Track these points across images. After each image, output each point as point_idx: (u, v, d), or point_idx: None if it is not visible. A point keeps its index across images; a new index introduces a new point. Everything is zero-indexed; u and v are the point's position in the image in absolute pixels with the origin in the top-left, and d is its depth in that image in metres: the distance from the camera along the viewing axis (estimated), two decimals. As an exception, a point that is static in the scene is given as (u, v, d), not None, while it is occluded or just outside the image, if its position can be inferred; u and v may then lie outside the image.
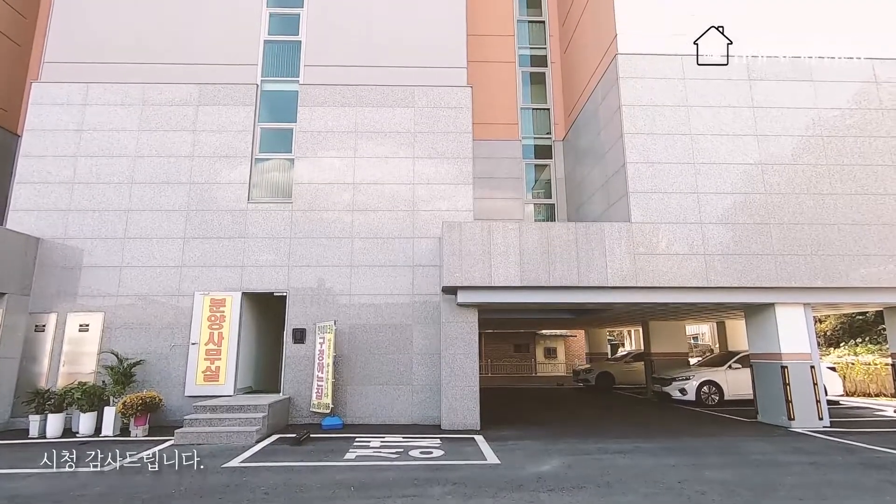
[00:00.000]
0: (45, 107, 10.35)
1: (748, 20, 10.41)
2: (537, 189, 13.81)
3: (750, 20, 10.41)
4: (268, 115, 10.81)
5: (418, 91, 10.73)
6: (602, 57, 10.97)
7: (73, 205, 9.96)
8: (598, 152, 11.12)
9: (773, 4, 10.53)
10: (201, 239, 9.96)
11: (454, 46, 11.03)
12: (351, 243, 10.07)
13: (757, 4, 10.51)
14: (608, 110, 10.60)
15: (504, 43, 13.77)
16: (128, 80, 10.52)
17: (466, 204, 10.32)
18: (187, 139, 10.35)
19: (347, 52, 10.94)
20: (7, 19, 11.94)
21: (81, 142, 10.24)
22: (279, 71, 11.00)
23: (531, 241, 9.15)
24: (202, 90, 10.57)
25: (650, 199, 9.56)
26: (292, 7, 11.25)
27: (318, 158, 10.43)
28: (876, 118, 10.06)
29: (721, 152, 9.83)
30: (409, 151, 10.49)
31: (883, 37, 10.43)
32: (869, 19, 10.54)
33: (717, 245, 9.37)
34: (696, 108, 10.03)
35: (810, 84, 10.18)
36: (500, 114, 13.30)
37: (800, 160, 9.84)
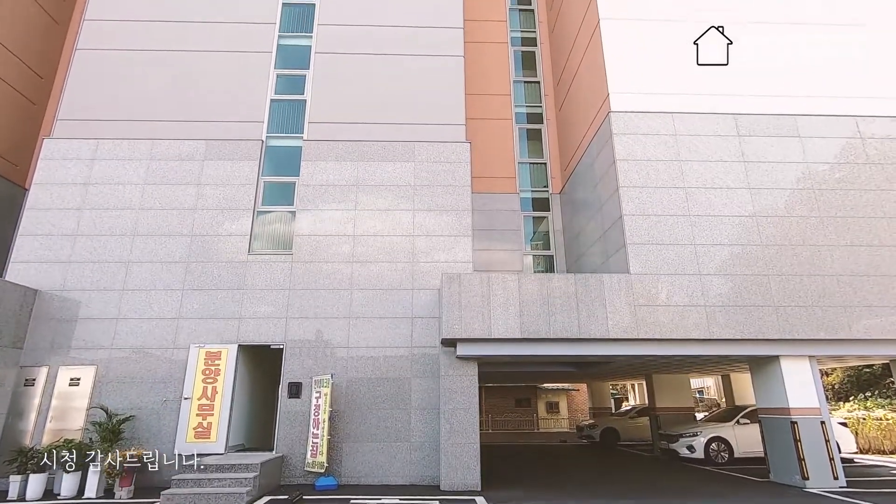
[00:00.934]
0: (55, 161, 10.62)
1: (735, 79, 10.90)
2: (536, 241, 13.93)
3: (736, 79, 10.90)
4: (271, 168, 11.08)
5: (418, 146, 11.06)
6: (596, 114, 11.40)
7: (74, 256, 10.00)
8: (595, 205, 11.32)
9: (757, 64, 11.05)
10: (200, 290, 9.93)
11: (453, 105, 11.47)
12: (350, 295, 10.04)
13: (742, 64, 11.04)
14: (603, 164, 10.89)
15: (501, 101, 14.33)
16: (137, 136, 10.86)
17: (466, 256, 10.38)
18: (191, 192, 10.55)
19: (351, 110, 11.36)
20: (24, 78, 12.48)
21: (87, 195, 10.43)
22: (284, 128, 11.38)
23: (531, 293, 9.13)
24: (209, 145, 10.89)
25: (648, 250, 9.64)
26: (299, 68, 11.79)
27: (319, 211, 10.59)
28: (864, 172, 10.33)
29: (715, 205, 10.01)
30: (409, 204, 10.67)
31: (863, 95, 10.88)
32: (849, 79, 11.03)
33: (718, 296, 9.35)
34: (688, 163, 10.31)
35: (798, 140, 10.52)
36: (498, 168, 13.64)
37: (793, 212, 10.01)
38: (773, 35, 11.29)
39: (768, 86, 10.90)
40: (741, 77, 10.95)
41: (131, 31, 11.70)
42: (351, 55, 11.80)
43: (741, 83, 10.90)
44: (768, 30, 11.32)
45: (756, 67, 11.04)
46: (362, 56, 11.80)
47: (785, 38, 11.27)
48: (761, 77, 10.97)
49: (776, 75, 10.99)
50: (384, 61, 11.77)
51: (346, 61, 11.77)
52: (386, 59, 11.79)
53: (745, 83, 10.91)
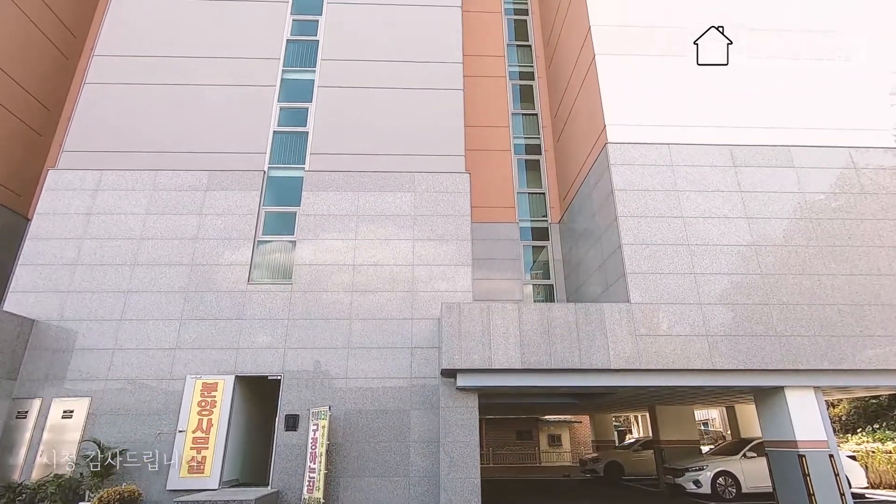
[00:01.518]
0: (59, 192, 10.72)
1: (729, 111, 11.13)
2: (535, 270, 13.93)
3: (731, 111, 11.13)
4: (273, 199, 11.18)
5: (419, 177, 11.19)
6: (593, 145, 11.59)
7: (73, 286, 9.98)
8: (594, 234, 11.37)
9: (751, 96, 11.30)
10: (198, 320, 9.87)
11: (453, 136, 11.67)
12: (349, 324, 9.97)
13: (736, 96, 11.29)
14: (601, 194, 11.00)
15: (500, 133, 14.58)
16: (141, 168, 11.00)
17: (465, 285, 10.36)
18: (193, 222, 10.61)
19: (352, 141, 11.55)
20: (32, 111, 12.74)
21: (89, 225, 10.48)
22: (286, 158, 11.54)
23: (531, 323, 9.07)
24: (212, 176, 11.02)
25: (648, 279, 9.63)
26: (301, 102, 12.05)
27: (319, 240, 10.63)
28: (860, 201, 10.43)
29: (713, 234, 10.06)
30: (410, 234, 10.72)
31: (855, 127, 11.08)
32: (841, 111, 11.25)
33: (719, 326, 9.30)
34: (686, 193, 10.41)
35: (793, 170, 10.66)
36: (497, 198, 13.76)
37: (791, 242, 10.05)
38: (765, 68, 11.58)
39: (762, 117, 11.12)
40: (735, 109, 11.19)
41: (139, 66, 12.00)
42: (353, 88, 12.08)
43: (735, 115, 11.13)
44: (761, 63, 11.62)
45: (749, 99, 11.29)
46: (364, 90, 12.07)
47: (778, 71, 11.55)
48: (755, 109, 11.21)
49: (769, 107, 11.23)
50: (386, 94, 12.04)
51: (349, 94, 12.03)
52: (387, 92, 12.06)
53: (739, 115, 11.13)
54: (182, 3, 12.78)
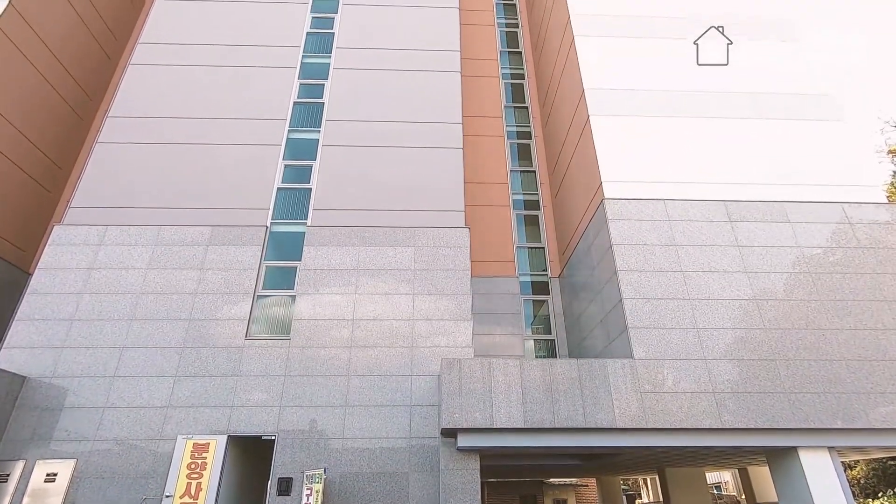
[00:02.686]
0: (63, 247, 10.81)
1: (722, 167, 11.43)
2: (536, 325, 13.79)
3: (724, 167, 11.43)
4: (274, 253, 11.26)
5: (419, 231, 11.33)
6: (590, 201, 11.81)
7: (68, 341, 9.85)
8: (595, 288, 11.36)
9: (744, 153, 11.64)
10: (193, 377, 9.66)
11: (453, 192, 11.92)
12: (347, 381, 9.75)
13: (729, 153, 11.63)
14: (600, 249, 11.09)
15: (499, 189, 14.91)
16: (145, 223, 11.15)
17: (466, 340, 10.23)
18: (193, 277, 10.63)
19: (354, 197, 11.78)
20: (42, 167, 13.09)
21: (90, 279, 10.49)
22: (289, 214, 11.73)
23: (533, 379, 8.88)
24: (214, 231, 11.15)
25: (650, 334, 9.52)
26: (306, 160, 12.41)
27: (319, 295, 10.60)
28: (857, 256, 10.49)
29: (714, 288, 10.05)
30: (410, 288, 10.71)
31: (847, 183, 11.34)
32: (833, 168, 11.54)
33: (726, 383, 9.09)
34: (684, 247, 10.50)
35: (788, 225, 10.80)
36: (497, 252, 13.86)
37: (793, 296, 10.02)
38: (757, 127, 12.01)
39: (755, 174, 11.40)
40: (729, 165, 11.50)
41: (149, 126, 12.46)
42: (357, 147, 12.47)
43: (729, 171, 11.42)
44: (752, 123, 12.06)
45: (742, 156, 11.62)
46: (368, 148, 12.47)
47: (769, 130, 11.97)
48: (748, 165, 11.52)
49: (762, 164, 11.54)
50: (388, 152, 12.42)
51: (352, 152, 12.41)
52: (390, 150, 12.45)
53: (732, 171, 11.43)
54: (195, 69, 13.45)
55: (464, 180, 12.24)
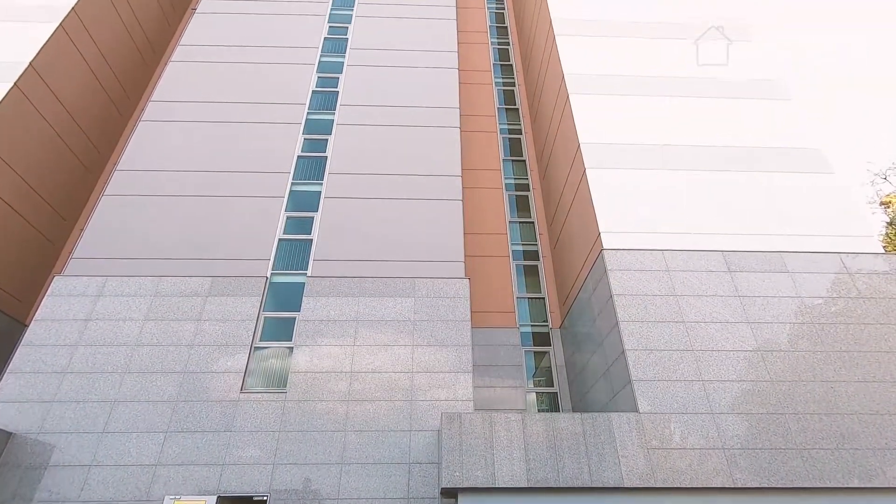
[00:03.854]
0: (61, 298, 10.76)
1: (719, 218, 11.57)
2: (538, 377, 13.52)
3: (721, 218, 11.57)
4: (273, 304, 11.20)
5: (419, 282, 11.32)
6: (589, 252, 11.88)
7: (58, 395, 9.60)
8: (596, 340, 11.22)
9: (740, 204, 11.81)
10: (184, 433, 9.34)
11: (453, 243, 12.02)
12: (343, 437, 9.43)
13: (726, 204, 11.81)
14: (601, 299, 11.04)
15: (498, 240, 15.04)
16: (145, 274, 11.16)
17: (466, 393, 9.98)
18: (191, 328, 10.52)
19: (355, 248, 11.87)
20: (46, 218, 13.25)
21: (86, 331, 10.37)
22: (289, 265, 11.78)
23: (536, 435, 8.59)
24: (214, 282, 11.14)
25: (655, 387, 9.31)
26: (308, 211, 12.60)
27: (317, 346, 10.45)
28: (859, 306, 10.44)
29: (717, 339, 9.93)
30: (409, 339, 10.57)
31: (843, 233, 11.45)
32: (829, 218, 11.69)
33: (735, 438, 8.79)
34: (685, 297, 10.46)
35: (788, 275, 10.82)
36: (497, 303, 13.79)
37: (797, 347, 9.88)
38: (752, 179, 12.27)
39: (752, 224, 11.53)
40: (726, 216, 11.65)
41: (156, 180, 12.73)
42: (358, 199, 12.70)
43: (726, 222, 11.56)
44: (747, 175, 12.33)
45: (739, 207, 11.79)
46: (368, 200, 12.69)
47: (764, 182, 12.21)
48: (745, 216, 11.67)
49: (759, 214, 11.70)
50: (389, 204, 12.63)
51: (353, 204, 12.62)
52: (391, 202, 12.66)
53: (730, 222, 11.57)
54: (203, 124, 13.91)
55: (463, 231, 12.37)
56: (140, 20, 18.12)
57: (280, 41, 16.27)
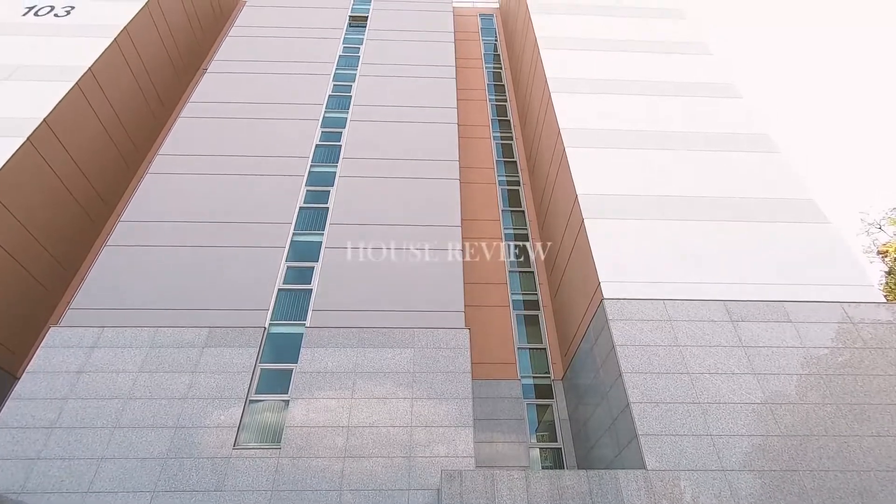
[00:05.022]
0: (55, 349, 10.59)
1: (720, 267, 11.60)
2: (541, 431, 13.09)
3: (722, 267, 11.59)
4: (270, 355, 11.02)
5: (419, 333, 11.19)
6: (589, 301, 11.83)
7: (45, 452, 9.25)
8: (600, 392, 10.96)
9: (740, 253, 11.87)
10: (172, 492, 8.93)
11: (453, 293, 11.98)
12: (339, 497, 9.00)
13: (725, 253, 11.86)
14: (603, 350, 10.88)
15: (498, 290, 15.01)
16: (142, 325, 11.05)
17: (467, 448, 9.63)
18: (185, 380, 10.29)
19: (354, 298, 11.82)
20: (46, 267, 13.26)
21: (78, 383, 10.14)
22: (288, 315, 11.69)
23: (541, 494, 8.21)
24: (211, 333, 11.01)
25: (662, 442, 9.00)
26: (309, 261, 12.65)
27: (314, 399, 10.19)
28: (866, 356, 10.27)
29: (723, 391, 9.70)
30: (408, 392, 10.32)
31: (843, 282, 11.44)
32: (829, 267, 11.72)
33: (749, 497, 8.40)
34: (688, 348, 10.31)
35: (791, 325, 10.72)
36: (497, 354, 13.58)
37: (806, 399, 9.64)
38: (748, 228, 12.40)
39: (751, 273, 11.54)
40: (726, 265, 11.67)
41: (159, 231, 12.86)
42: (358, 249, 12.78)
43: (726, 271, 11.57)
44: (743, 225, 12.48)
45: (739, 256, 11.85)
46: (368, 249, 12.77)
47: (761, 232, 12.34)
48: (745, 265, 11.69)
49: (757, 263, 11.73)
50: (389, 254, 12.69)
51: (353, 254, 12.68)
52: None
53: (730, 271, 11.57)
54: (208, 177, 14.22)
55: (463, 280, 12.36)
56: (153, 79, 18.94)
57: (286, 98, 16.93)
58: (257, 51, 18.97)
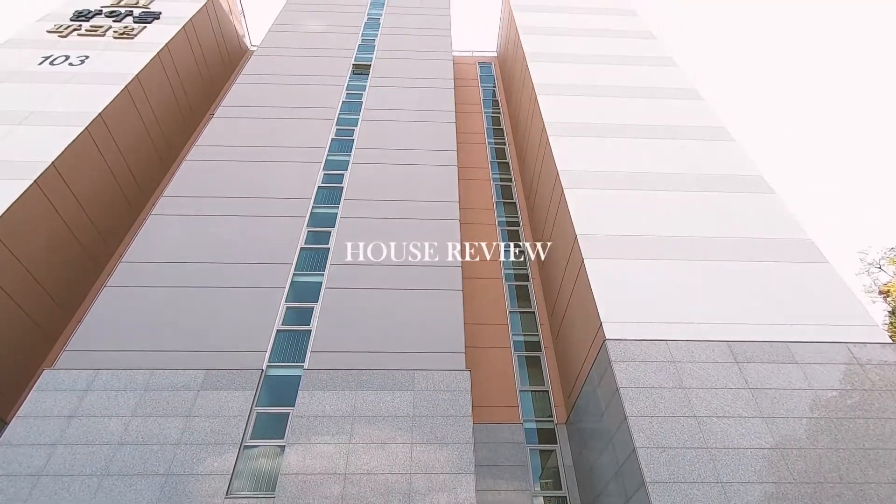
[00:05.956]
0: (47, 393, 10.38)
1: (723, 307, 11.51)
2: (545, 478, 12.63)
3: (724, 307, 11.51)
4: (267, 398, 10.79)
5: (419, 375, 11.00)
6: (591, 342, 11.68)
7: (29, 502, 8.89)
8: (605, 436, 10.65)
9: (743, 293, 11.81)
10: (160, 545, 8.54)
11: (453, 333, 11.86)
12: (335, 550, 8.60)
13: (728, 293, 11.80)
14: (606, 392, 10.66)
15: (499, 330, 14.87)
16: (137, 367, 10.87)
17: (469, 497, 9.26)
18: (179, 425, 10.02)
19: (353, 339, 11.69)
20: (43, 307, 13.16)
21: (68, 428, 9.87)
22: (286, 356, 11.52)
23: (545, 547, 7.84)
24: (207, 375, 10.82)
25: (671, 490, 8.66)
26: (308, 302, 12.59)
27: (311, 445, 9.89)
28: (876, 399, 10.04)
29: (732, 435, 9.43)
30: (408, 437, 10.03)
31: (847, 322, 11.33)
32: (829, 307, 11.63)
33: (764, 550, 8.01)
34: (693, 390, 10.10)
35: (797, 366, 10.54)
36: (498, 397, 13.29)
37: (818, 444, 9.36)
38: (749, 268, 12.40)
39: (753, 313, 11.44)
40: (729, 305, 11.59)
41: (160, 271, 12.86)
42: (358, 290, 12.75)
43: (727, 311, 11.48)
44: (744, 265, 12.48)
45: (742, 296, 11.78)
46: (368, 290, 12.73)
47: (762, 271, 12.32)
48: (745, 305, 11.61)
49: (759, 303, 11.66)
50: (389, 294, 12.65)
51: (353, 294, 12.65)
52: (390, 292, 12.69)
53: (733, 311, 11.48)
54: (210, 218, 14.37)
55: (463, 321, 12.26)
56: (161, 124, 19.47)
57: (290, 142, 17.33)
58: (263, 97, 19.58)
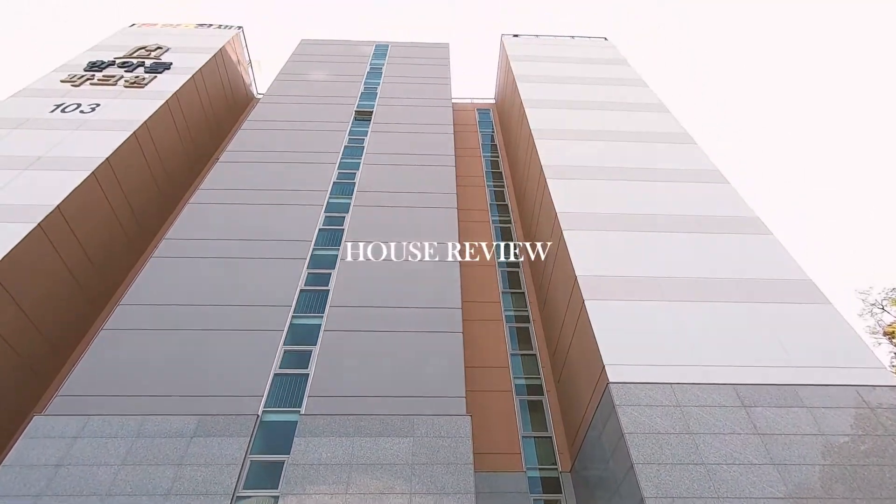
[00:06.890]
0: (36, 440, 10.08)
1: (728, 350, 11.34)
2: (550, 531, 12.07)
3: (729, 350, 11.34)
4: (262, 446, 10.46)
5: (418, 420, 10.71)
6: (595, 385, 11.44)
7: (8, 558, 8.48)
8: (611, 486, 10.26)
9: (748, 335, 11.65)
10: None
11: (453, 378, 11.64)
12: None
13: (733, 336, 11.65)
14: (611, 438, 10.34)
15: (500, 374, 14.60)
16: (130, 413, 10.60)
17: (470, 552, 8.82)
18: (170, 474, 9.67)
19: (352, 383, 11.47)
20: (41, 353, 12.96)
21: (55, 478, 9.52)
22: (283, 401, 11.26)
23: None
24: (201, 421, 10.54)
25: (682, 543, 8.26)
26: (307, 345, 12.43)
27: (306, 496, 9.50)
28: (890, 444, 9.73)
29: (743, 484, 9.07)
30: (407, 486, 9.66)
31: (854, 364, 11.14)
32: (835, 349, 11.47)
33: None
34: (701, 435, 9.81)
35: (806, 410, 10.28)
36: (500, 443, 12.90)
37: (833, 493, 8.99)
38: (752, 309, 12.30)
39: (759, 355, 11.27)
40: (730, 347, 11.44)
41: (157, 315, 12.78)
42: (357, 332, 12.62)
43: (731, 353, 11.31)
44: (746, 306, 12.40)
45: (743, 338, 11.64)
46: (367, 333, 12.60)
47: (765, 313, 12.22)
48: (750, 347, 11.45)
49: (764, 345, 11.49)
50: (388, 337, 12.51)
51: (353, 337, 12.51)
52: (390, 335, 12.56)
53: (735, 353, 11.32)
54: (212, 260, 14.42)
55: (464, 364, 12.06)
56: (166, 168, 19.86)
57: (292, 185, 17.62)
58: (268, 142, 20.07)
